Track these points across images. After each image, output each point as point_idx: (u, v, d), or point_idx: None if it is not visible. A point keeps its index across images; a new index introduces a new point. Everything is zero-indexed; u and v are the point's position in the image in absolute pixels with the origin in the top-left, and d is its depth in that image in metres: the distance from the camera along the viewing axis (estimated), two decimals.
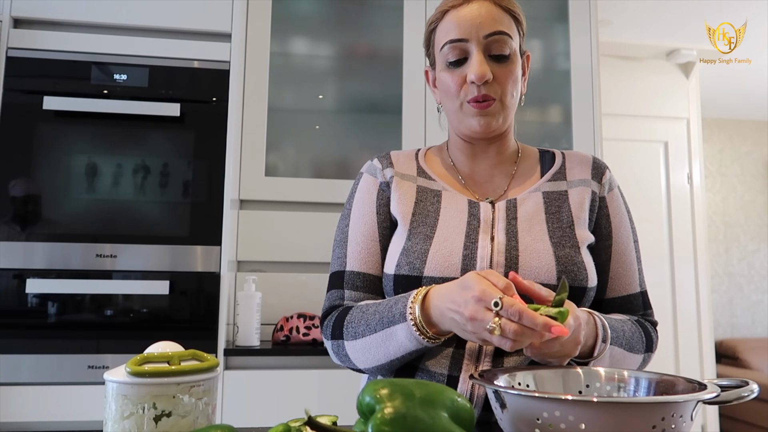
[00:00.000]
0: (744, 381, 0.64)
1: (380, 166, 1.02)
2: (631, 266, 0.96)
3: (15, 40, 1.83)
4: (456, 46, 0.92)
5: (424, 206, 0.95)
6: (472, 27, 0.90)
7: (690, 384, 0.61)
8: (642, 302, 0.97)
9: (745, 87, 4.08)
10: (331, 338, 0.93)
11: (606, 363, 0.84)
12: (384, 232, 0.97)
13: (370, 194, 1.00)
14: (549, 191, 0.95)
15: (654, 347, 0.93)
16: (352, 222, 0.99)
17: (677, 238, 3.53)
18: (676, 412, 0.52)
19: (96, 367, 1.72)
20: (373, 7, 2.42)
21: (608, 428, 0.51)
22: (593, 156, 1.01)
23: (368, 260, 0.96)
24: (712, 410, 3.40)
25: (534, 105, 2.49)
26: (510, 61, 0.93)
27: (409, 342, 0.82)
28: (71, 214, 1.79)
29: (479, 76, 0.89)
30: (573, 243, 0.89)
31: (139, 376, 0.56)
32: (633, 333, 0.89)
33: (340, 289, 0.96)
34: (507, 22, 0.93)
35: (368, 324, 0.87)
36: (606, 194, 0.97)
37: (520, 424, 0.55)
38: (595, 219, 0.95)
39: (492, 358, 0.85)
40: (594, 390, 0.69)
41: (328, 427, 0.50)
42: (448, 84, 0.94)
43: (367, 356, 0.88)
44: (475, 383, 0.63)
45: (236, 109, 1.97)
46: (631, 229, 0.98)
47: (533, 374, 0.70)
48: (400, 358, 0.85)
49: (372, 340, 0.86)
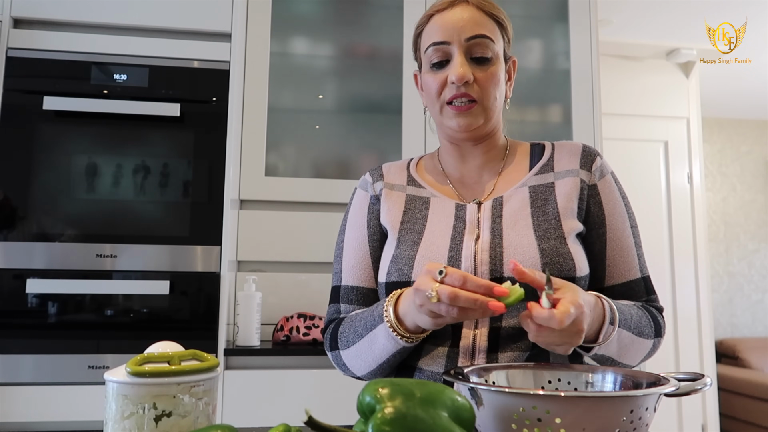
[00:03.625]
0: (699, 374, 0.68)
1: (371, 180, 1.05)
2: (629, 252, 0.95)
3: (15, 40, 1.83)
4: (439, 48, 0.94)
5: (413, 214, 0.98)
6: (455, 30, 0.93)
7: (652, 377, 0.64)
8: (645, 288, 0.96)
9: (745, 87, 4.08)
10: (330, 350, 0.97)
11: (614, 348, 0.83)
12: (375, 244, 1.00)
13: (362, 209, 1.03)
14: (535, 185, 0.96)
15: (662, 332, 0.93)
16: (346, 237, 1.03)
17: (677, 238, 3.53)
18: (643, 405, 0.55)
19: (96, 367, 1.72)
20: (373, 7, 2.42)
21: (583, 421, 0.53)
22: (584, 144, 1.01)
23: (360, 274, 0.99)
24: (712, 410, 3.40)
25: (534, 105, 2.49)
26: (491, 64, 0.94)
27: (388, 342, 0.84)
28: (71, 214, 1.79)
29: (459, 76, 0.91)
30: (558, 234, 0.90)
31: (140, 376, 0.56)
32: (641, 317, 0.89)
33: (337, 303, 1.01)
34: (490, 26, 0.95)
35: (356, 331, 0.91)
36: (597, 182, 0.96)
37: (497, 420, 0.57)
38: (586, 207, 0.95)
39: (486, 354, 0.86)
40: (564, 386, 0.71)
41: (328, 426, 0.50)
42: (429, 85, 0.96)
43: (359, 363, 0.91)
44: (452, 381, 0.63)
45: (236, 109, 1.97)
46: (627, 215, 0.97)
47: (505, 372, 0.72)
48: (387, 360, 0.87)
49: (360, 346, 0.89)
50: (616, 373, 0.69)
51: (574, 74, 2.38)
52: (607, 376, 0.69)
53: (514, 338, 0.87)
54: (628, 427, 0.54)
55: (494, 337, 0.87)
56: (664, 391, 0.57)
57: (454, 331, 0.89)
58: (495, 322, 0.87)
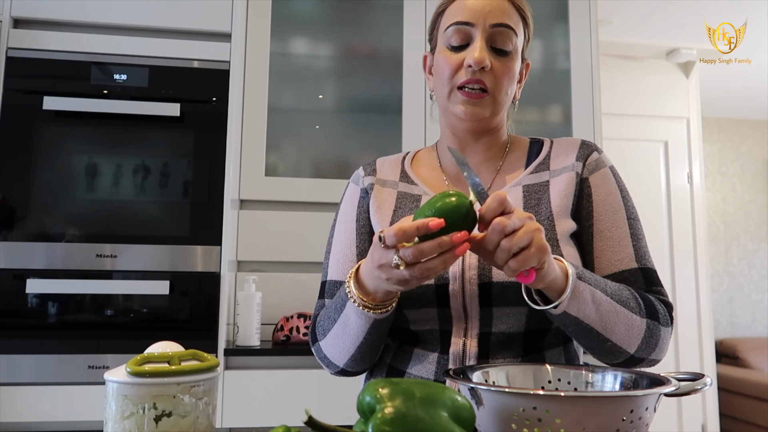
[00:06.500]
0: (699, 374, 0.67)
1: (362, 174, 1.03)
2: (621, 242, 0.90)
3: (15, 40, 1.83)
4: (461, 29, 0.91)
5: (403, 213, 0.95)
6: (481, 13, 0.90)
7: (652, 377, 0.64)
8: (644, 279, 0.89)
9: (745, 87, 4.08)
10: (312, 343, 0.95)
11: (592, 312, 0.77)
12: (362, 238, 0.98)
13: (352, 203, 1.01)
14: (529, 184, 0.93)
15: (662, 320, 0.85)
16: (336, 232, 1.01)
17: (677, 238, 3.53)
18: (643, 405, 0.55)
19: (96, 367, 1.72)
20: (373, 7, 2.42)
21: (583, 421, 0.53)
22: (582, 139, 0.98)
23: (345, 268, 0.96)
24: (712, 410, 3.40)
25: (534, 105, 2.49)
26: (510, 58, 0.92)
27: (359, 319, 0.81)
28: (71, 214, 1.79)
29: (477, 60, 0.88)
30: (551, 236, 0.87)
31: (140, 376, 0.56)
32: (621, 288, 0.83)
33: (323, 299, 0.98)
34: (516, 18, 0.93)
35: (330, 317, 0.89)
36: (589, 175, 0.93)
37: (497, 420, 0.56)
38: (577, 201, 0.92)
39: (477, 361, 0.85)
40: (564, 386, 0.71)
41: (328, 426, 0.50)
42: (442, 66, 0.93)
43: (338, 350, 0.89)
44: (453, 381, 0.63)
45: (236, 109, 1.97)
46: (623, 207, 0.92)
47: (505, 372, 0.71)
48: (364, 340, 0.84)
49: (336, 331, 0.87)
50: (616, 373, 0.69)
51: (574, 74, 2.39)
52: (607, 376, 0.69)
53: (505, 345, 0.86)
54: (628, 427, 0.54)
55: (485, 343, 0.85)
56: (664, 391, 0.57)
57: (443, 337, 0.87)
58: (485, 328, 0.86)
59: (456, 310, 0.86)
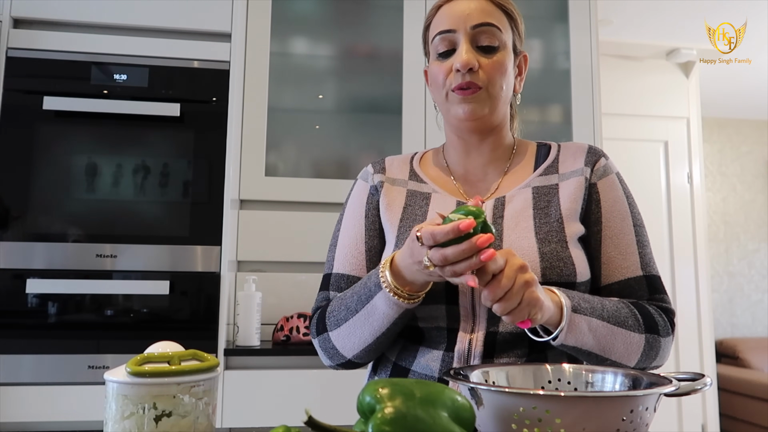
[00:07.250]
0: (699, 374, 0.68)
1: (372, 171, 1.05)
2: (627, 249, 0.92)
3: (15, 40, 1.83)
4: (445, 37, 0.94)
5: (413, 210, 0.96)
6: (461, 18, 0.93)
7: (651, 377, 0.64)
8: (648, 286, 0.91)
9: (745, 87, 4.08)
10: (317, 335, 0.95)
11: (589, 340, 0.81)
12: (371, 234, 0.99)
13: (360, 198, 1.02)
14: (539, 186, 0.94)
15: (662, 331, 0.87)
16: (343, 227, 1.02)
17: (677, 238, 3.53)
18: (643, 405, 0.55)
19: (96, 367, 1.72)
20: (373, 7, 2.42)
21: (583, 421, 0.53)
22: (590, 145, 0.99)
23: (353, 262, 0.98)
24: (712, 410, 3.40)
25: (534, 105, 2.49)
26: (498, 53, 0.93)
27: (389, 309, 0.83)
28: (71, 214, 1.79)
29: (463, 63, 0.90)
30: (560, 238, 0.88)
31: (140, 376, 0.56)
32: (619, 308, 0.86)
33: (326, 291, 0.99)
34: (498, 15, 0.95)
35: (348, 308, 0.89)
36: (597, 181, 0.94)
37: (497, 420, 0.56)
38: (586, 206, 0.93)
39: (482, 359, 0.85)
40: (564, 386, 0.71)
41: (328, 426, 0.50)
42: (435, 74, 0.96)
43: (353, 340, 0.90)
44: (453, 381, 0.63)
45: (236, 109, 1.97)
46: (630, 214, 0.94)
47: (505, 372, 0.72)
48: (385, 332, 0.86)
49: (355, 322, 0.88)
50: (616, 373, 0.69)
51: (574, 74, 2.39)
52: (607, 376, 0.69)
53: (511, 344, 0.86)
54: (628, 427, 0.54)
55: (490, 342, 0.86)
56: (664, 391, 0.57)
57: (450, 335, 0.88)
58: (492, 327, 0.86)
59: (464, 308, 0.87)
